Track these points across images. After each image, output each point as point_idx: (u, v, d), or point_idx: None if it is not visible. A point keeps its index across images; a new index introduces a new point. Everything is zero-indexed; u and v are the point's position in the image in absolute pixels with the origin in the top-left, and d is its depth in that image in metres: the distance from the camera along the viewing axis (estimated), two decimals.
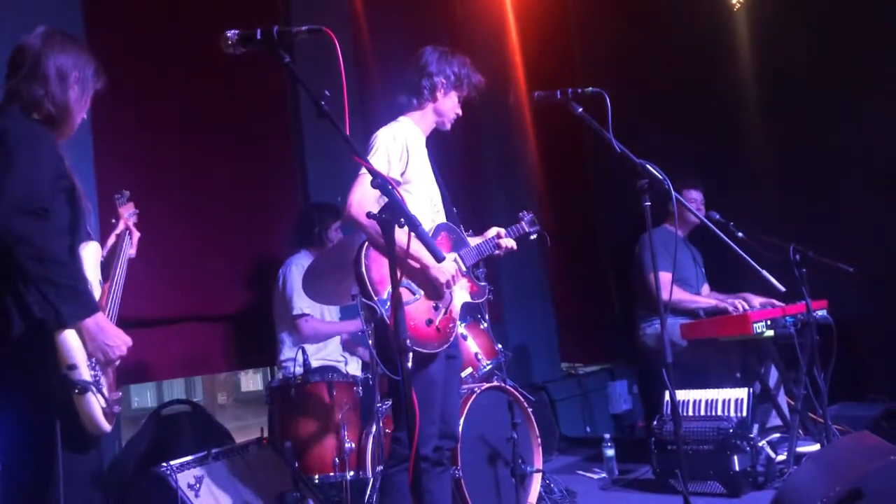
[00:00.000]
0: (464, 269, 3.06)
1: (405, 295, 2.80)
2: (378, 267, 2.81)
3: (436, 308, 2.90)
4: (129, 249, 2.57)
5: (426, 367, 2.82)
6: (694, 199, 4.98)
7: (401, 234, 2.69)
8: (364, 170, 2.76)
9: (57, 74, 2.23)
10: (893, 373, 4.96)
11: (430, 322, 2.86)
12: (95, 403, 2.00)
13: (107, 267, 2.41)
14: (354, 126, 2.87)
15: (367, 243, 2.84)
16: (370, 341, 3.09)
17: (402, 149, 2.90)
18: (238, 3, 4.41)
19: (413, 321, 2.81)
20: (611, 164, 3.29)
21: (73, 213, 2.19)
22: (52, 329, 1.98)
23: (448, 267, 2.84)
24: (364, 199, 2.74)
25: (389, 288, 2.72)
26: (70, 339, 1.99)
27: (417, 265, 2.80)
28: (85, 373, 1.99)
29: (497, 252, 3.26)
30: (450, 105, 3.07)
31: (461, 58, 3.11)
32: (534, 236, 3.45)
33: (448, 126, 3.13)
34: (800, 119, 5.46)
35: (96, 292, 2.22)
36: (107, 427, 2.06)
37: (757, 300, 4.57)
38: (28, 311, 1.99)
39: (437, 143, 3.20)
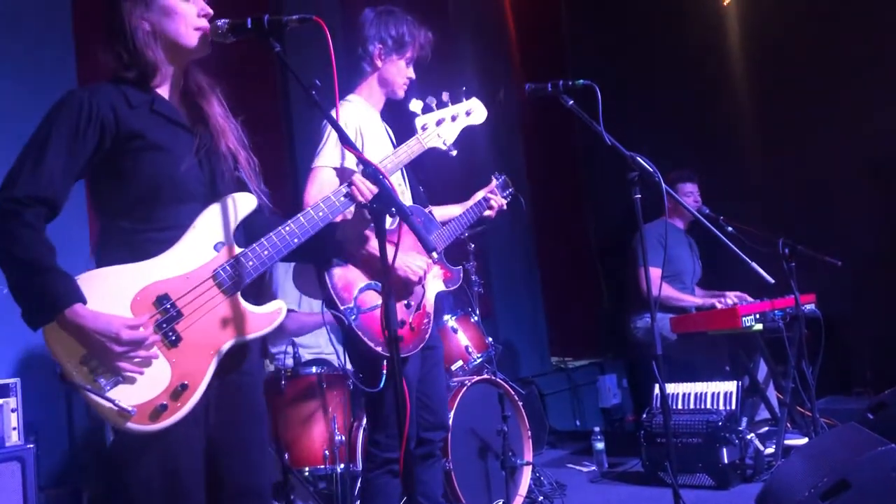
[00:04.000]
0: (435, 256, 2.93)
1: (373, 298, 2.61)
2: (342, 273, 2.60)
3: (407, 306, 2.71)
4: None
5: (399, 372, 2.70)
6: (689, 191, 5.00)
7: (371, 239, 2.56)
8: (317, 164, 2.69)
9: (117, 22, 1.93)
10: (880, 367, 5.01)
11: (402, 323, 2.66)
12: (99, 405, 1.76)
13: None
14: None
15: None
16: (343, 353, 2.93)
17: (354, 133, 2.74)
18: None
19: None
20: (601, 158, 3.31)
21: (158, 173, 1.89)
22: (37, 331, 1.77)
23: (418, 264, 2.68)
24: (321, 195, 2.64)
25: (356, 292, 2.60)
26: (49, 340, 1.77)
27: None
28: (76, 373, 1.76)
29: (488, 213, 3.07)
30: (394, 71, 2.84)
31: (399, 16, 2.85)
32: (508, 199, 3.20)
33: (400, 93, 2.89)
34: (788, 114, 5.49)
35: (205, 256, 1.91)
36: (126, 426, 1.76)
37: (731, 295, 4.60)
38: None
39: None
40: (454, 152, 2.55)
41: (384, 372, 2.58)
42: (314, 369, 3.76)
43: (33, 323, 1.76)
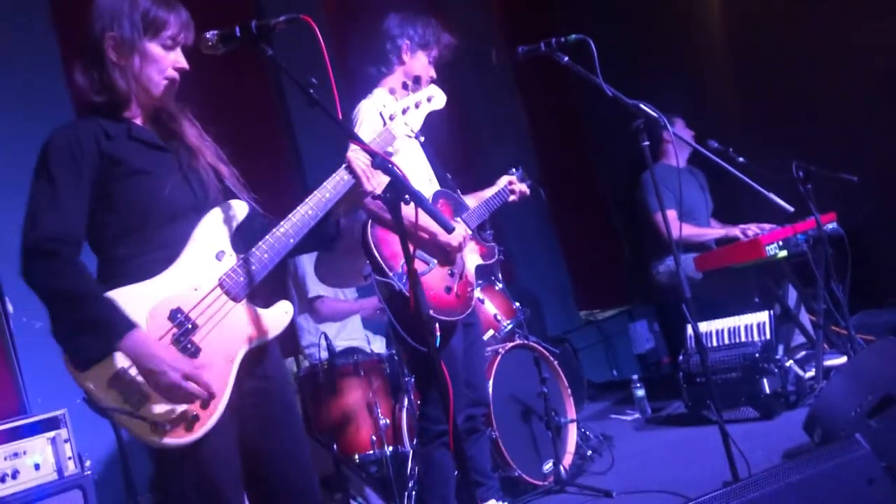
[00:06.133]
0: (469, 232, 3.05)
1: (419, 266, 2.80)
2: (387, 243, 2.80)
3: (451, 274, 2.91)
4: None
5: (448, 340, 2.83)
6: (682, 125, 4.98)
7: (406, 208, 2.70)
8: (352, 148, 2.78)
9: (95, 49, 1.92)
10: None
11: (448, 290, 2.88)
12: (133, 425, 1.79)
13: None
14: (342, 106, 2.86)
15: (369, 221, 2.81)
16: (389, 318, 3.06)
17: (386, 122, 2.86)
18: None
19: (432, 291, 2.83)
20: (601, 109, 3.27)
21: (146, 198, 1.91)
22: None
23: (457, 231, 2.85)
24: None
25: (403, 261, 2.72)
26: (71, 363, 1.80)
27: (426, 235, 2.80)
28: (105, 397, 1.77)
29: (512, 198, 3.24)
30: (419, 66, 2.99)
31: (425, 18, 3.02)
32: (529, 187, 3.35)
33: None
34: (778, 39, 5.37)
35: (208, 267, 1.93)
36: (162, 441, 1.79)
37: (752, 227, 4.59)
38: None
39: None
40: (422, 138, 2.61)
41: (437, 334, 2.70)
42: (349, 358, 3.81)
43: (94, 351, 1.76)
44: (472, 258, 3.07)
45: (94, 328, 1.77)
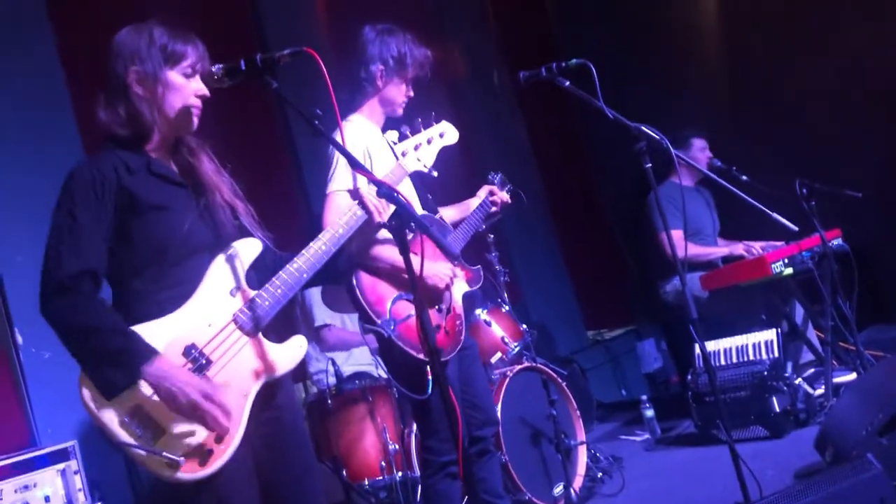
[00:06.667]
0: (455, 263, 2.94)
1: (407, 307, 2.67)
2: (372, 288, 2.66)
3: (439, 311, 2.78)
4: None
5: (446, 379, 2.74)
6: (703, 147, 5.00)
7: (386, 250, 2.62)
8: (331, 188, 2.69)
9: (119, 85, 1.97)
10: None
11: (438, 328, 2.73)
12: (147, 460, 1.81)
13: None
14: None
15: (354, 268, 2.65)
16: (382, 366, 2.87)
17: (362, 154, 2.76)
18: (211, 30, 4.42)
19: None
20: (603, 129, 3.25)
21: (163, 234, 1.93)
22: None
23: (444, 270, 2.75)
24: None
25: (389, 305, 2.65)
26: (90, 403, 1.81)
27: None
28: (121, 433, 1.79)
29: (494, 209, 3.11)
30: (395, 91, 2.88)
31: (400, 35, 2.86)
32: (509, 193, 3.24)
33: (400, 112, 2.92)
34: (782, 32, 5.39)
35: (222, 303, 1.96)
36: (176, 476, 1.81)
37: (757, 245, 4.59)
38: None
39: None
40: (435, 173, 2.60)
41: (430, 378, 2.62)
42: (357, 383, 3.80)
43: (120, 380, 1.78)
44: (458, 286, 2.93)
45: (116, 360, 1.79)
